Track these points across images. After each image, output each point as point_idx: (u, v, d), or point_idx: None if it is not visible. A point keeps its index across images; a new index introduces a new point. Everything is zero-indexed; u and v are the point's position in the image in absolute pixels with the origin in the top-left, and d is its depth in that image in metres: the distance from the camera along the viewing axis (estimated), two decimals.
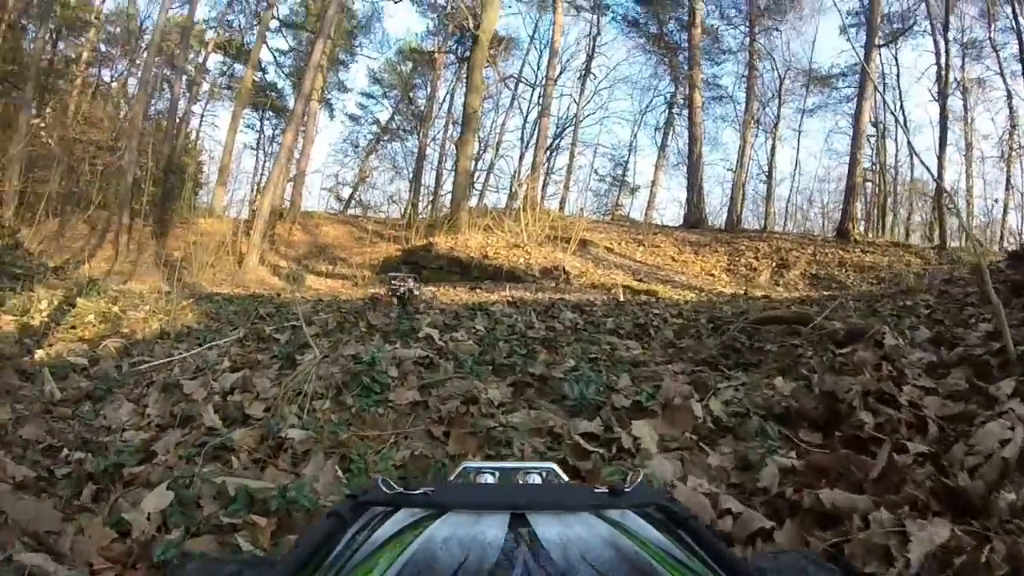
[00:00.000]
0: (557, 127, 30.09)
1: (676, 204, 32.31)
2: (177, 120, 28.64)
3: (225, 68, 31.71)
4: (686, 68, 28.27)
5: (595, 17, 30.62)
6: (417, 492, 0.64)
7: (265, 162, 32.09)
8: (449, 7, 29.00)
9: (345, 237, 24.96)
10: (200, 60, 30.55)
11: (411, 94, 33.24)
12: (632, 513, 0.63)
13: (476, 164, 26.15)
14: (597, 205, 33.74)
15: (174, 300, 7.54)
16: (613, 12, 31.17)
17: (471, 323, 6.01)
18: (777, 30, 27.53)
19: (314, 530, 0.61)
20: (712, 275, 18.20)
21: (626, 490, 0.67)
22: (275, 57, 30.22)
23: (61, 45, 25.82)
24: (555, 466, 1.02)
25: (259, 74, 30.33)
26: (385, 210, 31.77)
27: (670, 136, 32.10)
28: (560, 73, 28.03)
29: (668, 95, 32.15)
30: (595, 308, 7.64)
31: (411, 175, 31.30)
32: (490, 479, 0.92)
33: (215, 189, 26.36)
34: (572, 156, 30.71)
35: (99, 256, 18.91)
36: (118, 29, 27.70)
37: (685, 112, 28.79)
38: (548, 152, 27.00)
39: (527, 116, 31.66)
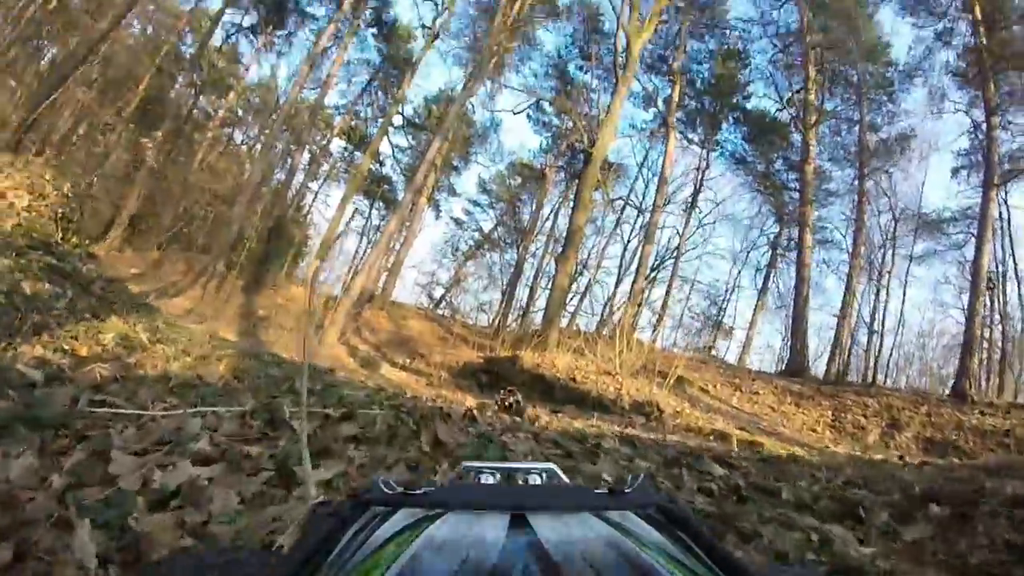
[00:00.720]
0: (657, 258, 29.59)
1: (770, 350, 30.77)
2: (294, 191, 30.12)
3: (346, 154, 33.58)
4: (792, 208, 28.15)
5: (704, 151, 30.69)
6: (417, 492, 0.65)
7: (367, 249, 32.91)
8: (564, 126, 29.84)
9: (429, 334, 24.81)
10: (324, 141, 32.26)
11: (516, 207, 34.09)
12: (632, 514, 0.63)
13: (572, 285, 25.72)
14: (688, 344, 32.33)
15: (214, 345, 6.79)
16: (721, 148, 31.26)
17: (591, 464, 4.62)
18: (887, 172, 26.29)
19: (314, 530, 0.62)
20: (815, 431, 16.78)
21: (626, 491, 0.69)
22: (394, 151, 31.50)
23: (203, 100, 27.97)
24: (555, 467, 1.02)
25: (376, 165, 31.76)
26: (474, 317, 31.85)
27: (772, 278, 31.30)
28: (666, 203, 27.69)
29: (772, 235, 31.61)
30: (744, 464, 6.33)
31: (505, 285, 31.42)
32: (490, 479, 0.92)
33: (313, 262, 26.79)
34: (669, 289, 29.87)
35: (187, 295, 19.33)
36: (257, 99, 29.80)
37: (790, 254, 28.47)
38: (647, 281, 26.23)
39: (628, 242, 31.78)
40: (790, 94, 27.65)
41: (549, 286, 20.63)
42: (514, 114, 29.68)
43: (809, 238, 24.59)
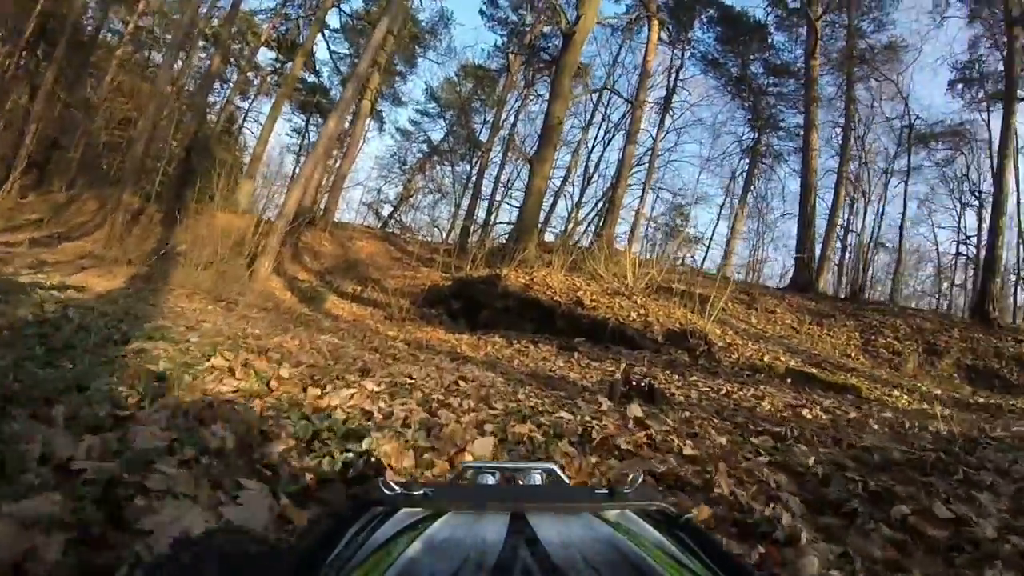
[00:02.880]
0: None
1: (745, 264, 28.20)
2: (219, 109, 25.94)
3: (278, 65, 29.27)
4: (769, 114, 27.32)
5: (677, 50, 27.91)
6: (417, 492, 0.64)
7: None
8: (522, 21, 26.12)
9: (381, 256, 21.45)
10: (249, 51, 27.82)
11: (468, 114, 30.46)
12: (632, 514, 0.64)
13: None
14: (663, 255, 29.68)
15: None
16: (694, 48, 28.56)
17: None
18: (878, 80, 25.03)
19: (314, 530, 0.61)
20: (848, 355, 14.16)
21: (626, 491, 0.68)
22: (332, 58, 27.21)
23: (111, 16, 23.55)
24: (555, 467, 0.98)
25: (311, 75, 27.77)
26: (426, 235, 28.65)
27: (751, 186, 29.80)
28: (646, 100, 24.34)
29: (749, 141, 29.38)
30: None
31: (459, 199, 28.10)
32: (491, 479, 0.92)
33: (242, 183, 22.77)
34: (644, 196, 27.09)
35: (96, 236, 15.74)
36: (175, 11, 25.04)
37: (765, 161, 27.90)
38: (617, 189, 22.95)
39: (592, 148, 29.17)
40: None
41: (525, 191, 17.05)
42: None
43: (815, 139, 21.80)
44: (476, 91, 30.11)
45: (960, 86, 24.91)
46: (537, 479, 0.94)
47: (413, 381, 4.49)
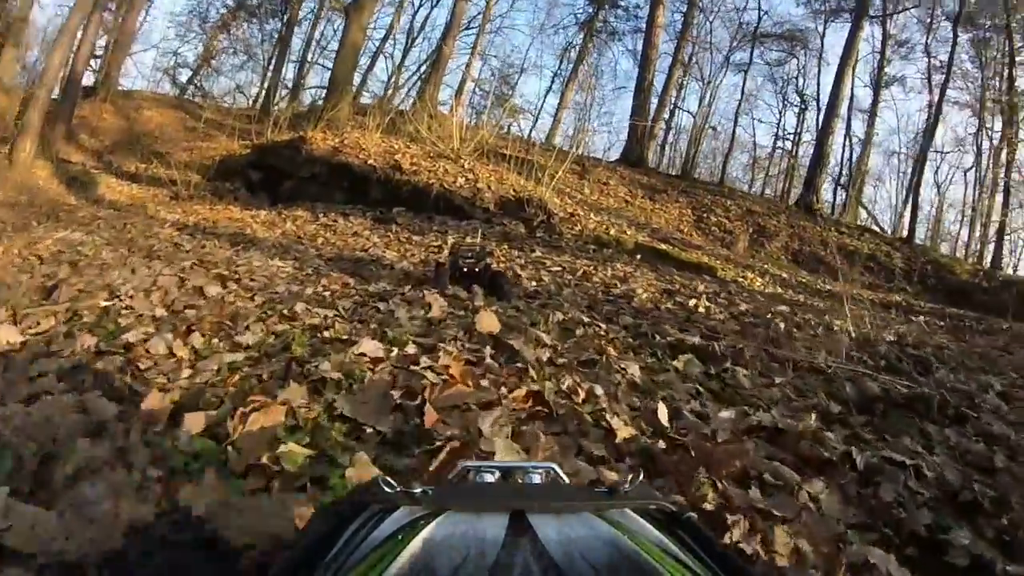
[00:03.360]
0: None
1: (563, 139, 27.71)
2: None
3: None
4: None
5: None
6: (416, 491, 0.63)
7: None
8: None
9: (174, 126, 18.34)
10: None
11: None
12: (632, 513, 0.63)
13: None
14: (488, 123, 28.00)
15: None
16: None
17: None
18: None
19: (313, 528, 0.64)
20: (680, 231, 13.88)
21: (626, 490, 0.68)
22: None
23: None
24: (556, 466, 0.93)
25: None
26: (231, 102, 24.78)
27: (584, 60, 28.16)
28: None
29: (586, 15, 27.91)
30: None
31: (270, 58, 24.37)
32: (490, 478, 0.87)
33: (3, 52, 17.89)
34: (470, 63, 25.16)
35: None
36: None
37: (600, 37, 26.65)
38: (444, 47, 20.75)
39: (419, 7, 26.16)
40: None
41: (340, 42, 14.54)
42: None
43: (661, 15, 21.08)
44: None
45: None
46: (536, 478, 0.87)
47: (121, 300, 3.25)
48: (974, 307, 10.70)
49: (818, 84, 24.96)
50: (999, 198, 20.81)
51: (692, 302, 4.57)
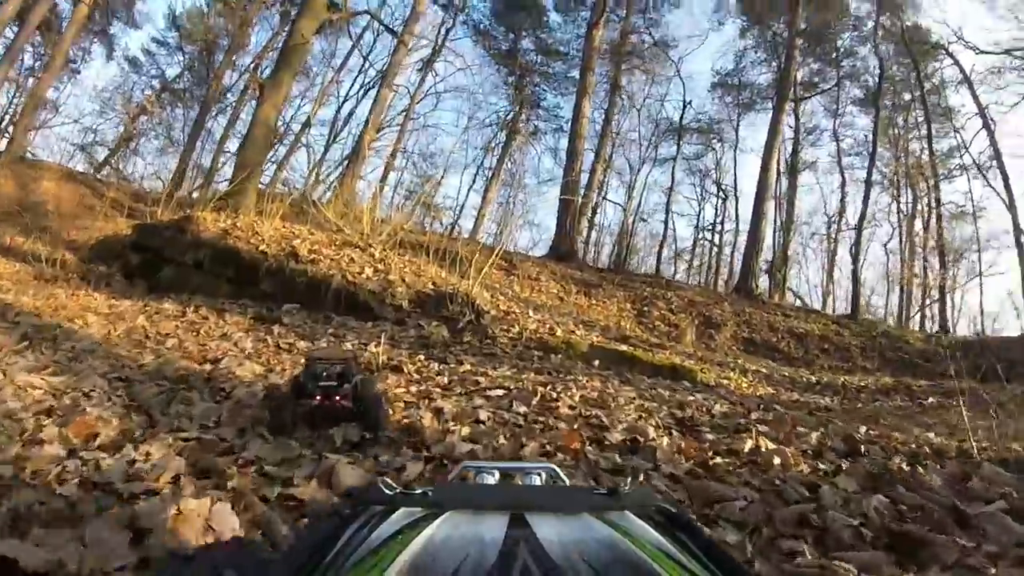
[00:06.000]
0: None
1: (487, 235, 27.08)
2: None
3: None
4: (531, 91, 27.02)
5: (450, 13, 25.52)
6: (416, 492, 0.64)
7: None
8: None
9: (72, 202, 16.02)
10: None
11: (213, 52, 25.06)
12: (631, 515, 0.63)
13: (280, 126, 18.33)
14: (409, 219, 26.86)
15: None
16: (467, 15, 26.80)
17: None
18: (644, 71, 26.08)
19: (313, 530, 0.66)
20: (622, 327, 12.68)
21: (625, 491, 0.68)
22: None
23: None
24: (556, 467, 0.97)
25: None
26: (146, 186, 22.79)
27: (506, 159, 28.23)
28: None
29: (508, 112, 28.19)
30: None
31: (184, 142, 22.64)
32: (490, 479, 0.91)
33: None
34: (395, 153, 23.99)
35: None
36: None
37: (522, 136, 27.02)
38: (374, 138, 19.80)
39: (344, 101, 25.73)
40: None
41: (252, 119, 12.97)
42: None
43: (587, 107, 20.79)
44: (226, 26, 24.76)
45: (720, 90, 27.08)
46: (536, 479, 0.92)
47: None
48: (936, 375, 10.75)
49: (735, 175, 26.93)
50: (917, 264, 22.98)
51: (746, 444, 3.01)
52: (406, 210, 13.99)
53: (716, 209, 27.98)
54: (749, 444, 2.97)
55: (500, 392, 3.85)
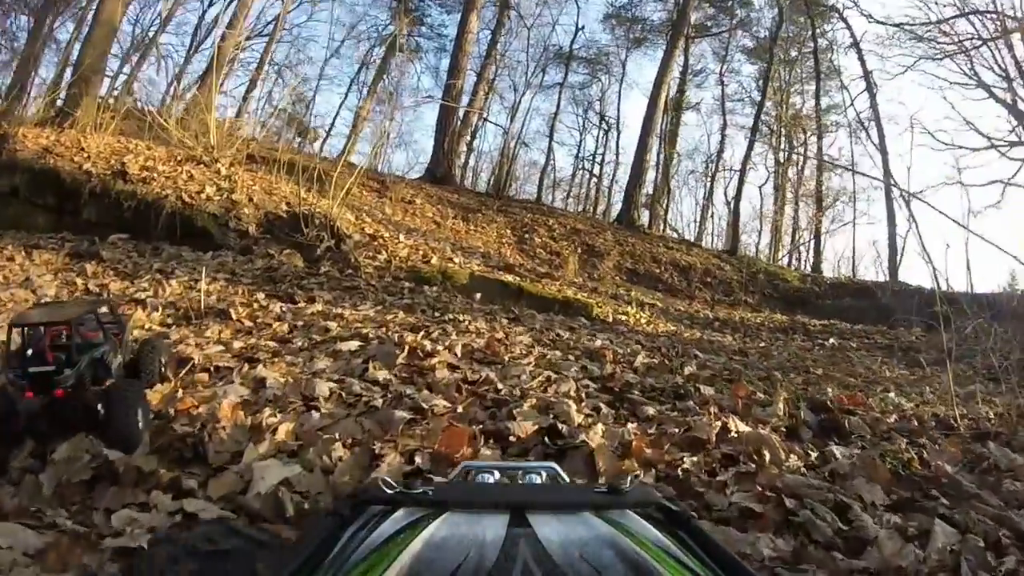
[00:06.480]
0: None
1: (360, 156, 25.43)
2: None
3: None
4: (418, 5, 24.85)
5: None
6: (417, 491, 0.63)
7: None
8: None
9: None
10: None
11: None
12: (632, 513, 0.62)
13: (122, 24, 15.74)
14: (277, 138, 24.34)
15: None
16: None
17: None
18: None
19: (314, 529, 0.63)
20: (502, 254, 12.30)
21: (626, 490, 0.67)
22: None
23: None
24: (556, 466, 0.97)
25: None
26: None
27: (384, 74, 25.83)
28: None
29: (388, 27, 25.65)
30: None
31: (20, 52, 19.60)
32: (491, 478, 0.89)
33: None
34: (261, 64, 21.85)
35: None
36: None
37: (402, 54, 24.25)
38: (238, 47, 17.67)
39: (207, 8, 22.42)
40: None
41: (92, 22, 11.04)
42: None
43: (474, 22, 19.72)
44: None
45: (614, 21, 25.83)
46: (537, 478, 0.91)
47: None
48: (814, 312, 11.57)
49: (618, 108, 26.14)
50: (789, 208, 24.18)
51: (711, 426, 2.43)
52: (267, 120, 12.60)
53: (597, 141, 27.53)
54: (715, 425, 2.40)
55: (355, 345, 3.14)
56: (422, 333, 3.42)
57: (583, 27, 25.16)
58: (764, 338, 7.46)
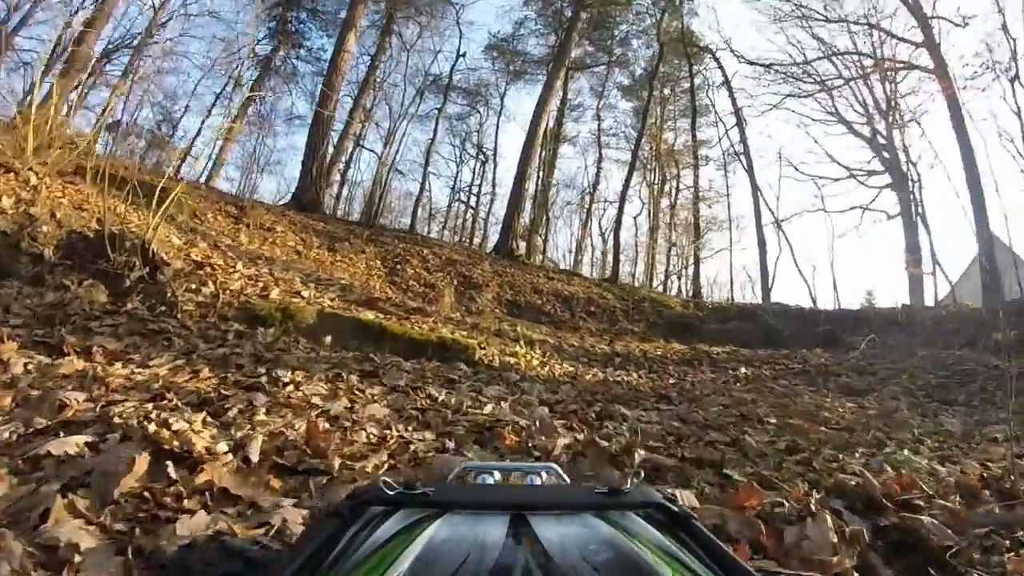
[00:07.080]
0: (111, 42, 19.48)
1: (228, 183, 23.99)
2: None
3: None
4: (295, 28, 24.76)
5: None
6: (418, 492, 0.63)
7: None
8: None
9: None
10: None
11: None
12: (632, 514, 0.62)
13: None
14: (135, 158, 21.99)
15: None
16: None
17: None
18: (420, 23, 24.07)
19: (314, 530, 0.62)
20: (368, 286, 11.40)
21: (626, 490, 0.67)
22: None
23: None
24: (556, 466, 0.96)
25: None
26: None
27: (258, 99, 24.82)
28: None
29: (266, 45, 24.94)
30: None
31: None
32: (491, 479, 0.89)
33: None
34: (128, 71, 19.74)
35: None
36: None
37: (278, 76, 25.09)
38: (100, 61, 15.93)
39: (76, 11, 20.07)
40: None
41: None
42: None
43: (352, 41, 18.81)
44: None
45: (495, 52, 26.63)
46: (537, 479, 0.91)
47: None
48: (701, 337, 11.77)
49: (496, 140, 27.97)
50: (661, 237, 25.64)
51: None
52: (105, 122, 11.01)
53: (474, 172, 28.19)
54: None
55: (79, 444, 1.81)
56: (206, 414, 2.30)
57: (464, 53, 24.86)
58: (672, 373, 7.08)
